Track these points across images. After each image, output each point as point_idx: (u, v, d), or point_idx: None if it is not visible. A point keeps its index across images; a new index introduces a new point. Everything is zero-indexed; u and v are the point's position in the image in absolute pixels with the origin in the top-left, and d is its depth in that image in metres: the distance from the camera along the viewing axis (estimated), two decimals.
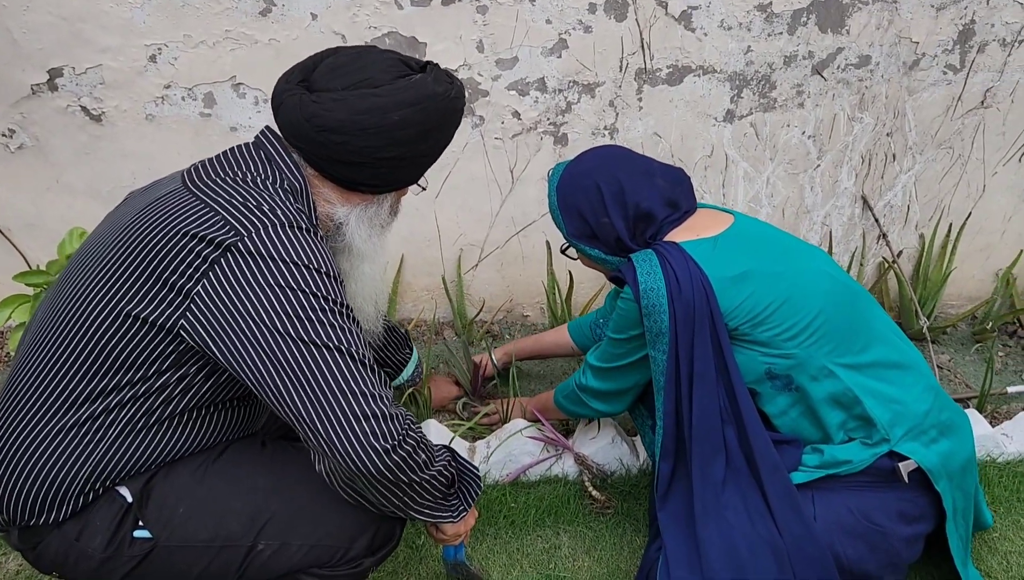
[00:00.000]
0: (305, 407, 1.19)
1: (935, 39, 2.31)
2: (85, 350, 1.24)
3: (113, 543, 1.30)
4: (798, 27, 2.24)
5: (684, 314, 1.51)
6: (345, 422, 1.18)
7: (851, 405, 1.56)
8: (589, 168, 1.64)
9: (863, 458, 1.56)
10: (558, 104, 2.29)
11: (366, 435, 1.18)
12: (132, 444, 1.29)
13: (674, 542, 1.59)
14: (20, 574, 1.79)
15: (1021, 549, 1.97)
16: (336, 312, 1.22)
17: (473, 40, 2.17)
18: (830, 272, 1.62)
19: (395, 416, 1.22)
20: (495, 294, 2.61)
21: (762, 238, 1.64)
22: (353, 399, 1.19)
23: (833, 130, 2.43)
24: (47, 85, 2.12)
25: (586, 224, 1.63)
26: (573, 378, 1.87)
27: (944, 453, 1.60)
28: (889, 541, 1.57)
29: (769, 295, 1.53)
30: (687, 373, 1.56)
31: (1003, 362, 2.61)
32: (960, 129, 2.49)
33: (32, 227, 2.33)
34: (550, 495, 2.02)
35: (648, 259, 1.55)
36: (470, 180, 2.39)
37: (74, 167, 2.25)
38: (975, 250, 2.72)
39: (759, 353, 1.55)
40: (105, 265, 1.26)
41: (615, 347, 1.69)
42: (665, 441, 1.63)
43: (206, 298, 1.19)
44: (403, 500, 1.32)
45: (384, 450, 1.19)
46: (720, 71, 2.28)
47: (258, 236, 1.21)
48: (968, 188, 2.60)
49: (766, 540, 1.52)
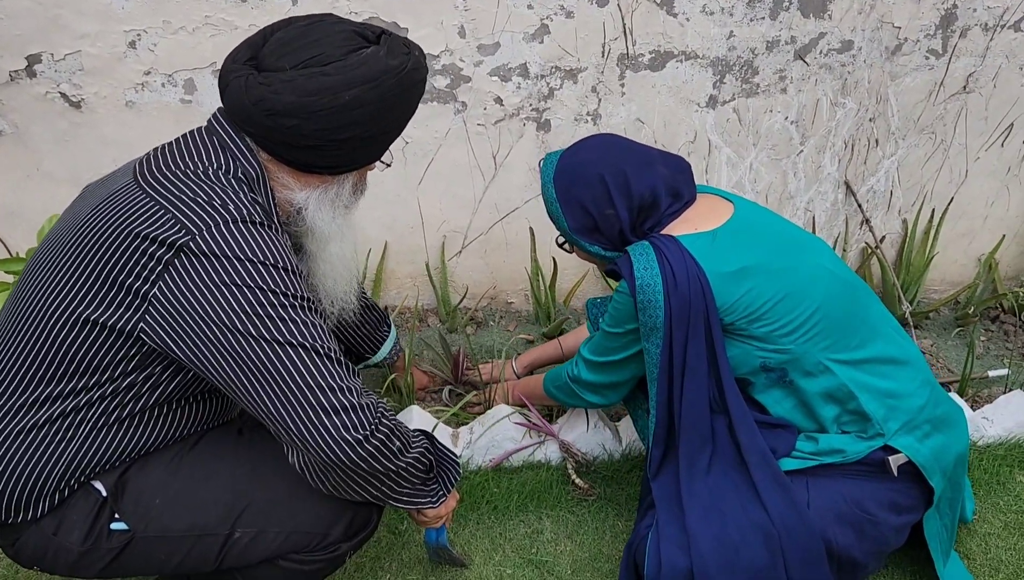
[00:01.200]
0: (273, 404, 1.19)
1: (917, 24, 2.32)
2: (48, 356, 1.23)
3: (91, 536, 1.30)
4: (780, 12, 2.23)
5: (679, 310, 1.50)
6: (315, 416, 1.18)
7: (846, 400, 1.57)
8: (589, 159, 1.60)
9: (857, 450, 1.57)
10: (540, 90, 2.28)
11: (336, 428, 1.18)
12: (103, 440, 1.29)
13: (666, 520, 1.59)
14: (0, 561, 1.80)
15: (1000, 531, 1.99)
16: (296, 307, 1.21)
17: (455, 25, 2.16)
18: (829, 267, 1.61)
19: (365, 406, 1.22)
20: (479, 281, 2.61)
21: (762, 231, 1.62)
22: (320, 394, 1.18)
23: (816, 115, 2.43)
24: (25, 72, 2.10)
25: (589, 217, 1.60)
26: (564, 368, 1.85)
27: (937, 447, 1.61)
28: (879, 529, 1.58)
29: (768, 291, 1.51)
30: (680, 367, 1.55)
31: (984, 346, 2.63)
32: (942, 114, 2.49)
33: (13, 215, 2.32)
34: (533, 480, 2.03)
35: (645, 253, 1.53)
36: (453, 167, 2.38)
37: (54, 154, 2.24)
38: (958, 235, 2.73)
39: (754, 347, 1.54)
40: (61, 267, 1.24)
41: (609, 341, 1.67)
42: (657, 429, 1.64)
43: (163, 301, 1.18)
44: (381, 490, 1.32)
45: (356, 440, 1.20)
46: (703, 56, 2.28)
47: (209, 234, 1.18)
48: (951, 173, 2.61)
49: (757, 525, 1.53)
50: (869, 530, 1.58)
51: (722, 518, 1.55)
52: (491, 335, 2.57)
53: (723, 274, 1.50)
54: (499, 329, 2.62)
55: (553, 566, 1.86)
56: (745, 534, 1.53)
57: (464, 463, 2.03)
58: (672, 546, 1.55)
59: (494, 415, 2.08)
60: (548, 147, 2.38)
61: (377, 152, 1.36)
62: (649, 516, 1.65)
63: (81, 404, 1.25)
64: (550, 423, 2.09)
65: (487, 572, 1.84)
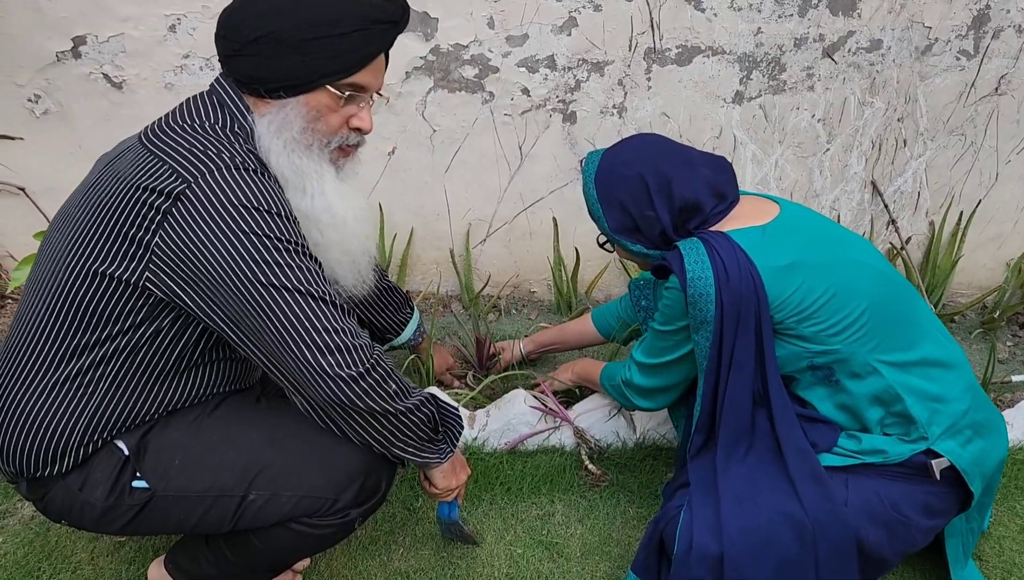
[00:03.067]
0: (271, 347, 1.24)
1: (948, 24, 2.31)
2: (63, 308, 1.29)
3: (113, 493, 1.35)
4: (809, 9, 2.24)
5: (731, 304, 1.49)
6: (310, 356, 1.23)
7: (891, 402, 1.55)
8: (630, 158, 1.59)
9: (900, 451, 1.55)
10: (567, 82, 2.32)
11: (331, 366, 1.23)
12: (123, 398, 1.34)
13: (701, 502, 1.59)
14: (35, 519, 1.87)
15: (1014, 534, 1.98)
16: (291, 251, 1.25)
17: (484, 17, 2.20)
18: (877, 266, 1.59)
19: (360, 347, 1.27)
20: (502, 269, 2.65)
21: (810, 228, 1.60)
22: (316, 334, 1.23)
23: (843, 114, 2.43)
24: (71, 52, 2.19)
25: (629, 217, 1.59)
26: (619, 371, 1.84)
27: (978, 453, 1.59)
28: (910, 531, 1.57)
29: (818, 288, 1.50)
30: (727, 361, 1.54)
31: (1011, 352, 2.61)
32: (973, 116, 2.48)
33: (54, 190, 2.41)
34: (546, 464, 2.06)
35: (695, 248, 1.51)
36: (479, 156, 2.42)
37: (95, 133, 2.32)
38: (987, 239, 2.71)
39: (802, 348, 1.53)
40: (73, 226, 1.31)
41: (661, 340, 1.66)
42: (701, 417, 1.64)
43: (164, 248, 1.23)
44: (383, 434, 1.36)
45: (351, 377, 1.25)
46: (730, 52, 2.29)
47: (204, 181, 1.22)
48: (980, 176, 2.59)
49: (791, 517, 1.52)
50: (900, 531, 1.57)
51: (755, 508, 1.54)
52: (513, 323, 2.61)
53: (775, 268, 1.49)
54: (521, 317, 2.65)
55: (563, 548, 1.89)
56: (777, 525, 1.52)
57: (479, 446, 2.06)
58: (704, 530, 1.55)
59: (510, 399, 2.11)
60: (574, 139, 2.41)
61: (307, 67, 1.30)
62: (679, 496, 1.65)
63: (97, 360, 1.31)
64: (567, 409, 2.12)
65: (498, 551, 1.88)
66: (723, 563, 1.52)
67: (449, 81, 2.28)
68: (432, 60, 2.25)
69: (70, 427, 1.32)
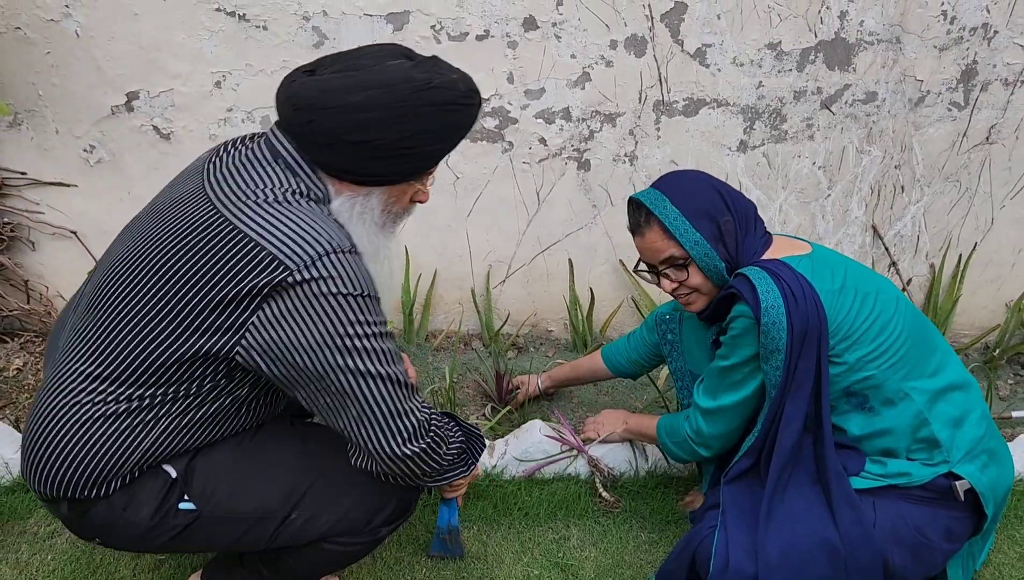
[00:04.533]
0: (349, 421, 1.33)
1: (939, 77, 2.46)
2: (137, 365, 1.30)
3: (159, 514, 1.40)
4: (807, 64, 2.40)
5: (800, 329, 1.53)
6: (383, 434, 1.34)
7: (920, 427, 1.62)
8: (693, 177, 1.69)
9: (923, 474, 1.62)
10: (581, 132, 2.48)
11: (399, 444, 1.35)
12: (181, 433, 1.39)
13: (736, 525, 1.65)
14: None
15: (1014, 562, 2.05)
16: (379, 335, 1.30)
17: (504, 72, 2.38)
18: (901, 297, 1.69)
19: (422, 423, 1.38)
20: (520, 309, 2.79)
21: (841, 262, 1.68)
22: (391, 418, 1.33)
23: (843, 161, 2.58)
24: (124, 106, 2.38)
25: (714, 224, 1.63)
26: (682, 426, 1.84)
27: (994, 478, 1.66)
28: (933, 554, 1.63)
29: (863, 312, 1.58)
30: (790, 385, 1.60)
31: (1012, 390, 2.69)
32: (967, 163, 2.61)
33: (105, 234, 2.58)
34: (562, 491, 2.16)
35: (761, 276, 1.56)
36: (500, 201, 2.58)
37: (144, 180, 2.50)
38: (985, 281, 2.82)
39: (841, 373, 1.60)
40: (151, 291, 1.28)
41: (729, 376, 1.68)
42: (756, 441, 1.69)
43: (260, 329, 1.25)
44: (425, 479, 1.50)
45: (414, 454, 1.38)
46: (733, 104, 2.45)
47: (307, 270, 1.22)
48: (976, 220, 2.71)
49: (825, 541, 1.57)
50: (924, 554, 1.62)
51: (793, 532, 1.59)
52: (532, 360, 2.73)
53: (831, 291, 1.56)
54: (539, 355, 2.78)
55: (578, 570, 1.98)
56: (813, 550, 1.58)
57: (498, 473, 2.17)
58: (740, 551, 1.60)
59: (527, 429, 2.23)
60: (588, 185, 2.56)
61: (400, 169, 1.33)
62: (711, 517, 1.71)
63: (166, 401, 1.34)
64: (580, 442, 2.23)
65: (516, 572, 1.97)
66: None
67: (472, 131, 2.45)
68: None
69: (125, 457, 1.34)
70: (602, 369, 2.28)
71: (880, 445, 1.66)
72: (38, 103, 2.35)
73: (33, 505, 2.06)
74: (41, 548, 1.95)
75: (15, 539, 1.97)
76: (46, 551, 1.94)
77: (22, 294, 2.63)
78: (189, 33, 2.27)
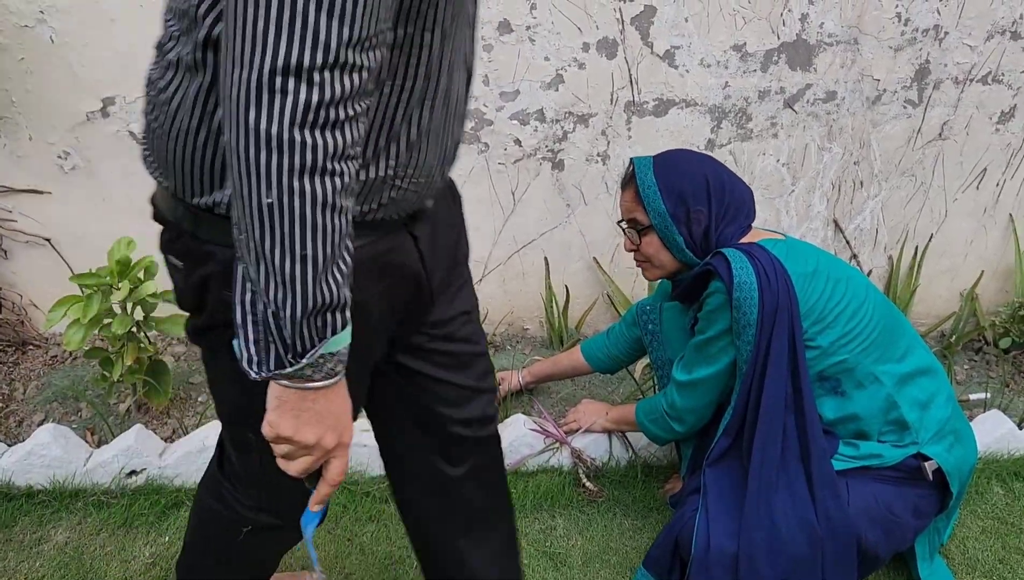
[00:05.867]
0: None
1: (895, 77, 2.57)
2: None
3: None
4: (770, 65, 2.50)
5: (771, 307, 1.61)
6: (266, 49, 0.76)
7: (889, 409, 1.70)
8: (694, 159, 1.76)
9: (894, 456, 1.70)
10: (555, 133, 2.54)
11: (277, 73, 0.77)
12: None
13: (717, 507, 1.71)
14: (68, 544, 1.99)
15: (977, 535, 2.16)
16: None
17: (480, 75, 2.42)
18: (871, 285, 1.77)
19: (347, 93, 0.80)
20: (497, 307, 2.83)
21: (815, 250, 1.76)
22: (289, 26, 0.75)
23: (805, 158, 2.68)
24: (100, 112, 2.37)
25: (684, 208, 1.71)
26: (658, 402, 1.92)
27: (959, 457, 1.75)
28: (902, 530, 1.71)
29: (836, 296, 1.66)
30: (762, 364, 1.66)
31: (968, 374, 2.82)
32: (921, 159, 2.73)
33: (79, 240, 2.56)
34: (547, 483, 2.21)
35: (737, 256, 1.65)
36: (476, 201, 2.62)
37: (120, 187, 2.49)
38: (941, 271, 2.95)
39: (815, 356, 1.67)
40: None
41: (704, 350, 1.75)
42: (732, 419, 1.74)
43: None
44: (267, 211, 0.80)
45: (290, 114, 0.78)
46: (701, 104, 2.53)
47: None
48: (931, 213, 2.84)
49: (804, 521, 1.64)
50: (895, 531, 1.71)
51: (770, 512, 1.66)
52: (508, 357, 2.78)
53: (802, 274, 1.64)
54: (516, 352, 2.83)
55: (566, 557, 2.04)
56: (792, 529, 1.65)
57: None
58: (721, 532, 1.67)
59: (511, 423, 2.27)
60: (562, 185, 2.62)
61: None
62: (692, 501, 1.78)
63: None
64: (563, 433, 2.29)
65: None
66: (739, 562, 1.64)
67: None
68: None
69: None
70: (582, 364, 2.34)
71: (853, 428, 1.74)
72: (11, 110, 2.33)
73: (17, 513, 2.05)
74: (29, 555, 1.94)
75: (1, 547, 1.96)
76: (34, 558, 1.94)
77: None
78: None
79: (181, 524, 2.05)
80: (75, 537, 2.01)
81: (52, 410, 2.40)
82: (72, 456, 2.09)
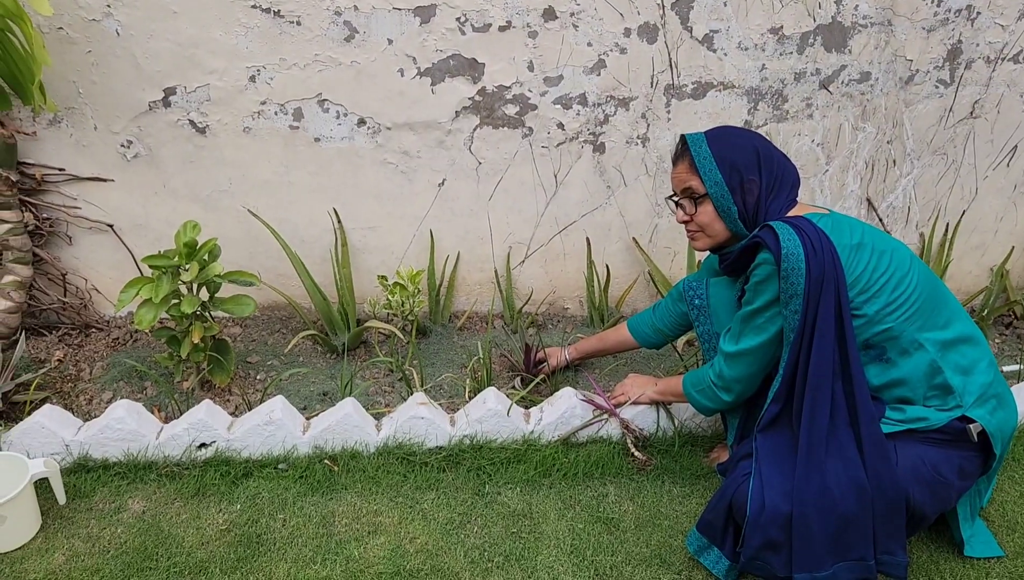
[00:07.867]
0: None
1: (927, 57, 2.64)
2: None
3: None
4: (806, 47, 2.56)
5: (817, 276, 1.66)
6: None
7: (934, 375, 1.75)
8: (744, 135, 1.83)
9: (939, 418, 1.75)
10: (597, 116, 2.62)
11: None
12: None
13: (770, 470, 1.76)
14: (145, 513, 2.08)
15: (1016, 499, 2.22)
16: None
17: (524, 61, 2.51)
18: (914, 256, 1.82)
19: None
20: (539, 288, 2.92)
21: (859, 223, 1.81)
22: None
23: (839, 139, 2.74)
24: (162, 102, 2.47)
25: (739, 177, 1.79)
26: (705, 373, 1.99)
27: (1001, 420, 1.79)
28: (948, 491, 1.76)
29: (880, 268, 1.70)
30: (810, 330, 1.71)
31: (999, 348, 2.88)
32: (953, 137, 2.80)
33: (140, 227, 2.66)
34: (597, 453, 2.29)
35: (785, 228, 1.70)
36: (519, 184, 2.70)
37: (179, 174, 2.58)
38: (971, 248, 3.01)
39: (861, 325, 1.72)
40: None
41: (752, 320, 1.81)
42: (781, 387, 1.79)
43: None
44: None
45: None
46: (738, 86, 2.61)
47: None
48: (962, 191, 2.90)
49: (854, 481, 1.70)
50: (940, 491, 1.75)
51: (822, 474, 1.71)
52: (550, 336, 2.86)
53: (848, 246, 1.69)
54: (557, 331, 2.91)
55: (619, 522, 2.11)
56: (843, 489, 1.69)
57: (536, 438, 2.30)
58: (775, 493, 1.73)
59: (561, 396, 2.36)
60: (603, 167, 2.70)
61: None
62: (744, 466, 1.84)
63: None
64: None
65: (561, 527, 2.10)
66: (792, 520, 1.70)
67: (493, 118, 2.58)
68: (479, 100, 2.55)
69: None
70: (629, 340, 2.42)
71: (898, 393, 1.80)
72: (78, 100, 2.43)
73: (96, 483, 2.15)
74: (110, 523, 2.04)
75: (84, 515, 2.06)
76: (115, 525, 2.03)
77: (60, 288, 2.70)
78: (225, 29, 2.37)
79: (251, 493, 2.14)
80: (151, 506, 2.10)
81: (119, 389, 2.50)
82: (145, 430, 2.19)
